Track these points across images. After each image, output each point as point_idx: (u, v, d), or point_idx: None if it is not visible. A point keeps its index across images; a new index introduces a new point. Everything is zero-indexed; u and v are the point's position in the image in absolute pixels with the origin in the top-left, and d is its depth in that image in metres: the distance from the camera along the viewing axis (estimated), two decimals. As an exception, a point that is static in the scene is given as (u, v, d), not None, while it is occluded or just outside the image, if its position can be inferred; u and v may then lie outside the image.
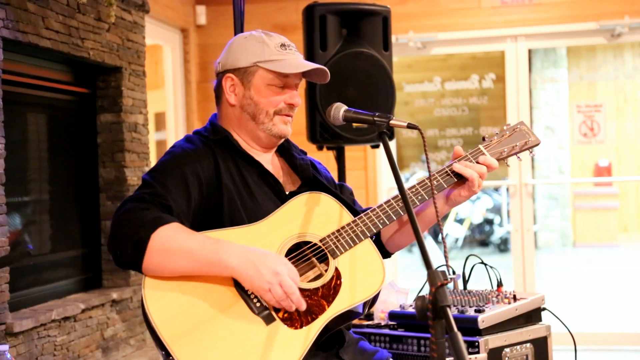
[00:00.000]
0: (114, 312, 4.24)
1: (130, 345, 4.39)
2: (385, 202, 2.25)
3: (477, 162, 2.31)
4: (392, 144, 5.61)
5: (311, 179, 2.34)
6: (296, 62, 2.24)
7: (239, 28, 3.11)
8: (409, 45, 5.71)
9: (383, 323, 2.86)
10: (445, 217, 10.64)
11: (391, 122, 2.14)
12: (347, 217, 2.23)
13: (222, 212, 2.14)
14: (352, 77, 3.84)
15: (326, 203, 2.24)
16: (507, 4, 5.62)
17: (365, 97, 3.81)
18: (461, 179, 2.29)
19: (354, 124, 2.26)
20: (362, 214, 2.23)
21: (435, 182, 2.28)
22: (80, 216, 4.38)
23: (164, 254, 1.98)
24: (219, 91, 2.31)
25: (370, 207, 2.38)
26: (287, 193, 2.27)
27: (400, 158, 10.06)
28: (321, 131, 3.81)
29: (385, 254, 2.43)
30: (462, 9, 5.67)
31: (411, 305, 2.79)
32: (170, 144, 5.78)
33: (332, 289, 2.11)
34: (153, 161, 5.79)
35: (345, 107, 2.24)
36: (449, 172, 2.30)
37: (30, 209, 4.02)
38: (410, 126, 2.12)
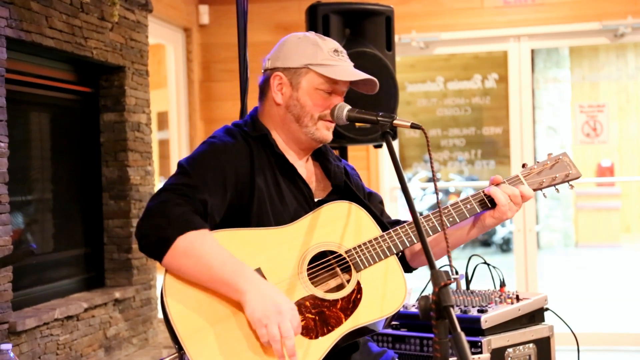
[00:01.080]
0: (116, 311, 4.24)
1: (133, 345, 4.39)
2: (424, 217, 2.24)
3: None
4: (395, 144, 5.61)
5: (342, 188, 2.32)
6: (348, 69, 2.22)
7: (242, 28, 3.11)
8: (411, 45, 5.71)
9: (386, 323, 2.86)
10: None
11: (395, 121, 2.14)
12: (376, 230, 2.21)
13: (251, 211, 2.14)
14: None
15: (357, 214, 2.22)
16: (509, 4, 5.62)
17: (368, 97, 3.78)
18: (493, 204, 2.28)
19: (357, 124, 2.26)
20: (390, 230, 2.21)
21: (468, 206, 2.27)
22: (83, 215, 4.38)
23: (184, 260, 1.98)
24: (264, 87, 2.28)
25: (399, 220, 2.38)
26: (315, 200, 2.25)
27: (402, 158, 10.06)
28: (324, 131, 3.80)
29: (408, 268, 2.41)
30: (464, 9, 5.67)
31: (414, 305, 2.79)
32: (173, 143, 5.79)
33: (351, 303, 2.09)
34: (156, 160, 5.80)
35: (348, 107, 2.23)
36: (483, 196, 2.29)
37: (33, 208, 4.03)
38: (413, 126, 2.11)
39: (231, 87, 5.69)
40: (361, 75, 2.22)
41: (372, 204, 2.40)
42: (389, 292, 2.12)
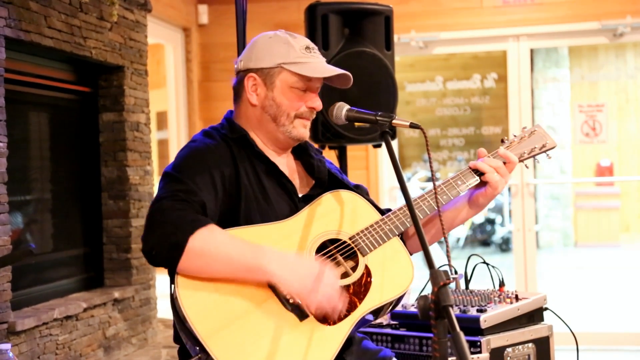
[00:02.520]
0: (115, 311, 4.24)
1: (132, 345, 4.39)
2: (419, 197, 2.27)
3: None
4: (394, 144, 5.61)
5: (325, 181, 2.33)
6: (321, 66, 2.23)
7: (241, 27, 3.11)
8: (411, 45, 5.71)
9: (385, 322, 2.86)
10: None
11: (394, 121, 2.14)
12: (375, 215, 2.25)
13: (239, 210, 2.14)
14: (354, 76, 3.81)
15: (355, 201, 2.26)
16: (509, 4, 5.62)
17: (367, 97, 3.81)
18: (483, 178, 2.32)
19: (356, 124, 2.26)
20: (389, 213, 2.24)
21: (459, 182, 2.31)
22: (82, 215, 4.38)
23: (202, 259, 1.97)
24: (239, 89, 2.29)
25: (390, 209, 2.39)
26: (299, 196, 2.26)
27: (402, 157, 10.06)
28: (323, 130, 3.80)
29: None
30: (464, 9, 5.67)
31: (413, 305, 2.79)
32: (172, 143, 5.79)
33: (362, 287, 2.12)
34: (155, 160, 5.80)
35: (347, 107, 2.24)
36: (470, 170, 2.34)
37: (32, 207, 4.03)
38: (412, 126, 2.12)
39: (230, 87, 5.68)
40: (334, 70, 2.24)
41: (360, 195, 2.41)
42: (398, 272, 2.17)
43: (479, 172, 2.33)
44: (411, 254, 2.43)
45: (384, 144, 2.17)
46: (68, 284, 4.17)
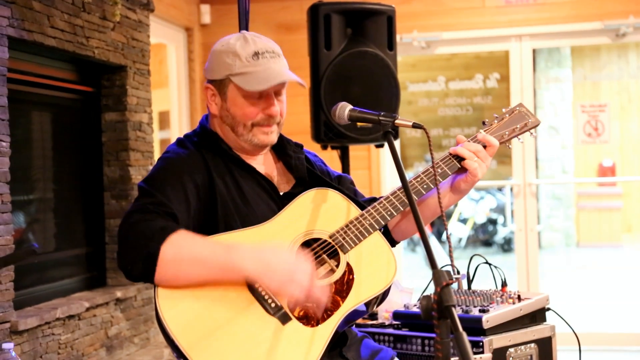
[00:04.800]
0: (118, 310, 4.25)
1: (135, 344, 4.39)
2: (392, 193, 2.24)
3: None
4: (396, 144, 5.61)
5: (305, 179, 2.31)
6: (265, 75, 2.14)
7: (243, 27, 3.11)
8: (413, 45, 5.71)
9: (387, 322, 2.86)
10: (449, 216, 10.63)
11: (396, 121, 2.13)
12: (355, 211, 2.22)
13: (217, 217, 2.12)
14: (356, 76, 3.84)
15: (333, 199, 2.23)
16: (511, 4, 5.61)
17: (369, 97, 3.81)
18: (463, 164, 2.28)
19: (359, 124, 2.25)
20: (369, 207, 2.21)
21: (439, 170, 2.27)
22: (85, 215, 4.38)
23: (175, 265, 1.96)
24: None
25: (374, 197, 2.38)
26: (281, 194, 2.25)
27: (404, 157, 10.06)
28: (325, 130, 3.81)
29: (392, 242, 2.40)
30: (466, 9, 5.67)
31: (415, 305, 2.79)
32: (174, 142, 5.78)
33: (345, 284, 2.11)
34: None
35: (350, 107, 2.22)
36: (450, 157, 2.30)
37: (34, 207, 4.03)
38: (415, 126, 2.11)
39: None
40: (276, 79, 2.14)
41: (343, 186, 2.39)
42: (380, 267, 2.13)
43: (458, 158, 2.28)
44: (399, 241, 2.42)
45: (386, 144, 2.17)
46: (70, 283, 4.18)
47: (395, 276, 2.14)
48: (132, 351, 4.35)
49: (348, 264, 2.13)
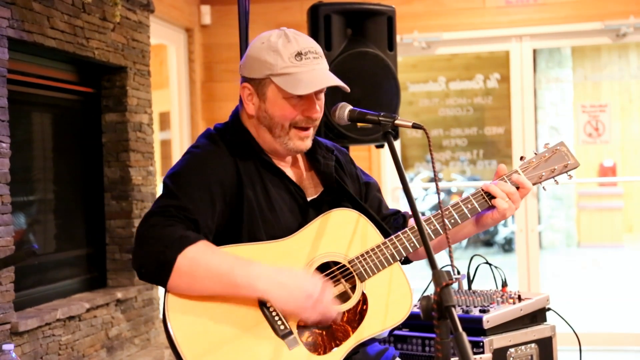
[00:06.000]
0: (118, 311, 4.25)
1: (135, 345, 4.39)
2: (425, 220, 2.20)
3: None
4: (396, 144, 5.61)
5: (334, 187, 2.26)
6: (311, 76, 2.09)
7: (243, 28, 3.11)
8: (413, 45, 5.71)
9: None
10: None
11: (396, 122, 2.13)
12: (377, 237, 2.17)
13: (242, 222, 2.08)
14: (357, 77, 3.84)
15: (357, 221, 2.17)
16: (511, 4, 5.61)
17: (370, 97, 3.81)
18: (493, 202, 2.24)
19: (359, 124, 2.24)
20: (392, 237, 2.16)
21: (469, 206, 2.24)
22: (85, 216, 4.38)
23: (191, 277, 1.93)
24: (241, 95, 2.21)
25: (398, 210, 2.37)
26: (308, 200, 2.21)
27: (404, 158, 10.06)
28: (326, 131, 3.80)
29: (406, 260, 2.38)
30: (466, 9, 5.67)
31: (416, 305, 2.79)
32: (174, 143, 5.79)
33: (357, 314, 2.07)
34: (158, 161, 5.80)
35: (350, 107, 2.21)
36: (482, 194, 2.25)
37: (35, 208, 4.03)
38: (415, 126, 2.10)
39: (233, 88, 5.69)
40: (322, 83, 2.10)
41: (370, 194, 2.37)
42: (394, 300, 2.10)
43: (490, 195, 2.24)
44: (414, 261, 2.39)
45: (386, 145, 2.16)
46: (71, 284, 4.18)
47: (409, 313, 2.11)
48: (132, 352, 4.35)
49: (363, 294, 2.09)
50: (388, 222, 2.36)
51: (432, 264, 1.73)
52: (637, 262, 10.40)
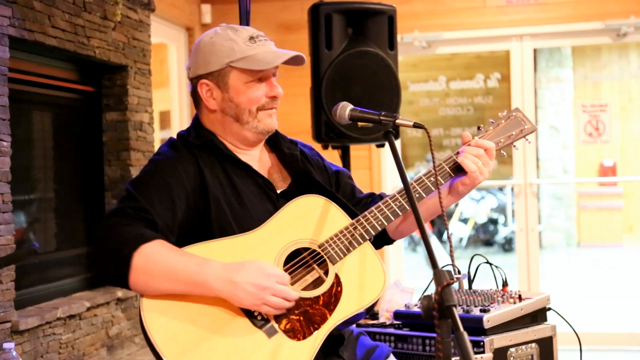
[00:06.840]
0: (119, 310, 4.25)
1: (135, 344, 4.39)
2: (391, 197, 2.21)
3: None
4: (397, 143, 5.61)
5: (301, 176, 2.28)
6: (269, 54, 2.16)
7: (244, 27, 3.11)
8: (414, 45, 5.71)
9: (388, 322, 2.86)
10: (450, 215, 10.63)
11: (397, 121, 2.13)
12: (345, 219, 2.18)
13: (211, 221, 2.10)
14: (357, 76, 3.84)
15: (323, 206, 2.18)
16: (512, 4, 5.61)
17: (370, 96, 3.81)
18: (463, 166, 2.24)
19: (360, 123, 2.25)
20: (360, 216, 2.17)
21: (432, 179, 2.23)
22: (86, 214, 4.39)
23: (147, 274, 1.95)
24: (195, 96, 2.24)
25: (373, 193, 2.36)
26: (278, 192, 2.22)
27: (405, 157, 10.06)
28: (326, 130, 3.80)
29: (389, 241, 2.38)
30: (467, 8, 5.67)
31: (416, 305, 2.79)
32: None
33: (333, 297, 2.08)
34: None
35: (351, 106, 2.22)
36: (452, 158, 2.26)
37: (35, 207, 4.03)
38: (416, 125, 2.10)
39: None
40: (284, 56, 2.16)
41: (341, 181, 2.37)
42: (369, 279, 2.11)
43: (459, 166, 2.24)
44: (396, 240, 2.39)
45: (387, 144, 2.16)
46: (71, 283, 4.18)
47: (384, 289, 2.11)
48: (132, 351, 4.35)
49: (337, 276, 2.10)
50: (364, 205, 2.35)
51: (433, 263, 1.73)
52: (637, 262, 10.41)
